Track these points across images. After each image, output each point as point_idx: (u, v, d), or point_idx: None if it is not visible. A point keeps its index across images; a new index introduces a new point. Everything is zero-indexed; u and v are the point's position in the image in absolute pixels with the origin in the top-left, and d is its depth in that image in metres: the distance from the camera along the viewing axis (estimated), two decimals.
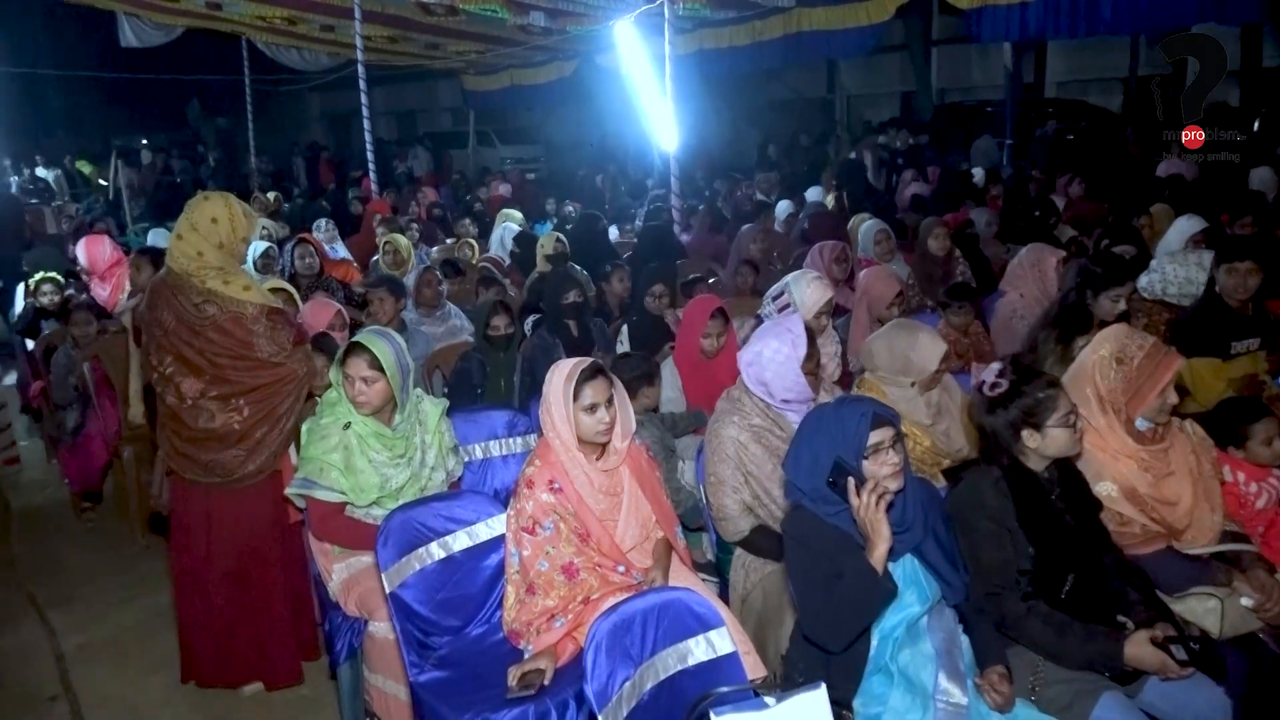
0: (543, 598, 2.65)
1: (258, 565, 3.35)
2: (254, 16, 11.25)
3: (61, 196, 13.93)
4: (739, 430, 2.94)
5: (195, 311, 3.11)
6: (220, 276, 3.12)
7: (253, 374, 3.16)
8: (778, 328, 2.99)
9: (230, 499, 3.27)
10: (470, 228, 8.41)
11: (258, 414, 3.18)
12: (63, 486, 5.36)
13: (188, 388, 3.14)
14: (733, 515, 2.92)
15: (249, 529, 3.31)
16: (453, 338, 5.00)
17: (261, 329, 3.15)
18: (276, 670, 3.43)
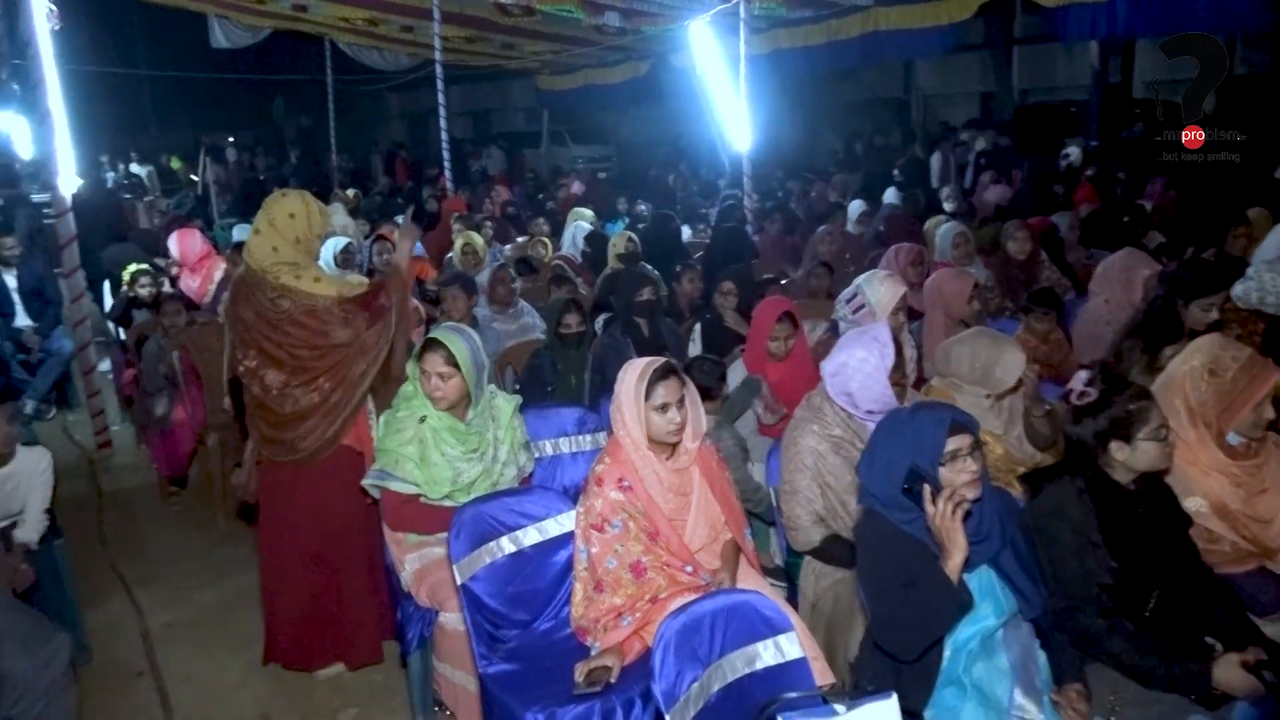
0: (610, 595, 2.67)
1: (341, 545, 3.43)
2: (337, 18, 11.54)
3: (153, 192, 14.50)
4: (818, 440, 2.90)
5: (272, 307, 3.20)
6: (293, 271, 3.20)
7: (329, 357, 3.26)
8: (864, 337, 2.94)
9: (314, 480, 3.36)
10: (543, 226, 8.49)
11: (335, 384, 3.27)
12: (151, 471, 5.57)
13: (271, 379, 3.24)
14: (804, 525, 2.89)
15: (333, 510, 3.40)
16: (524, 335, 5.06)
17: (335, 319, 3.23)
18: (358, 649, 3.52)
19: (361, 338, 3.26)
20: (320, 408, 3.27)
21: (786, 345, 3.96)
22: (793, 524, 2.92)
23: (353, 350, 3.26)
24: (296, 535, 3.42)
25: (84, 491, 5.42)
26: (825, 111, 18.67)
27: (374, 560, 3.52)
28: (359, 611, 3.49)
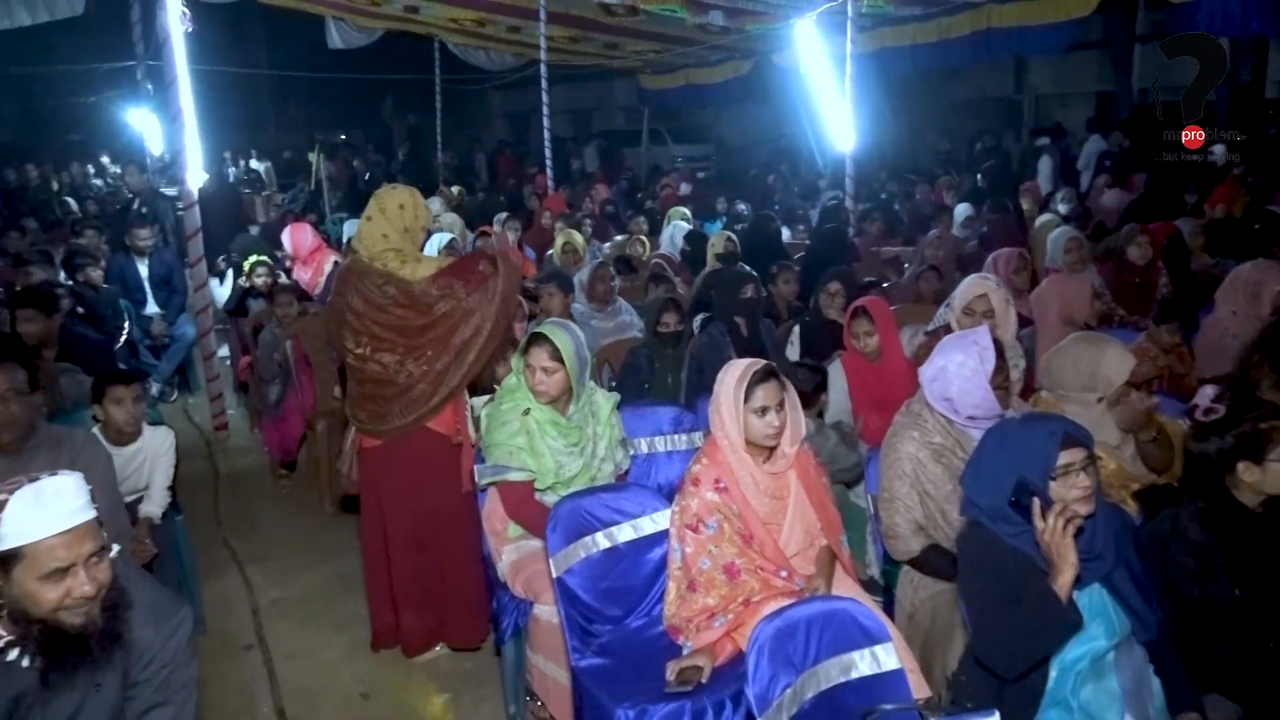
0: (703, 595, 2.67)
1: (439, 529, 3.51)
2: (447, 19, 11.83)
3: (270, 187, 15.14)
4: (918, 447, 2.83)
5: (379, 293, 3.33)
6: (398, 258, 3.34)
7: (435, 329, 3.36)
8: (963, 340, 2.86)
9: (411, 465, 3.46)
10: (642, 225, 8.53)
11: (439, 351, 3.36)
12: (263, 454, 5.82)
13: (387, 359, 3.36)
14: (904, 534, 2.83)
15: (428, 494, 3.48)
16: (622, 333, 5.10)
17: (433, 297, 3.33)
18: (459, 631, 3.61)
19: (462, 304, 3.34)
20: (428, 375, 3.37)
21: (866, 342, 3.88)
22: (891, 532, 2.87)
23: (455, 317, 3.35)
24: (396, 520, 3.52)
25: (201, 471, 5.69)
26: (930, 111, 18.20)
27: (473, 546, 3.59)
28: (460, 595, 3.57)
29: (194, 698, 2.02)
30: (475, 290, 3.35)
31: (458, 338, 3.36)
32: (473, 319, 3.35)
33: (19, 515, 1.73)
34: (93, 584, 1.79)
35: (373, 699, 3.47)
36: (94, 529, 1.81)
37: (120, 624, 1.88)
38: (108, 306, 6.27)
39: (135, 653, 1.92)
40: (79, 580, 1.77)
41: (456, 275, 3.36)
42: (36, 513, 1.74)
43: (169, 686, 1.95)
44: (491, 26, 11.99)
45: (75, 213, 11.10)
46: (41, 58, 13.66)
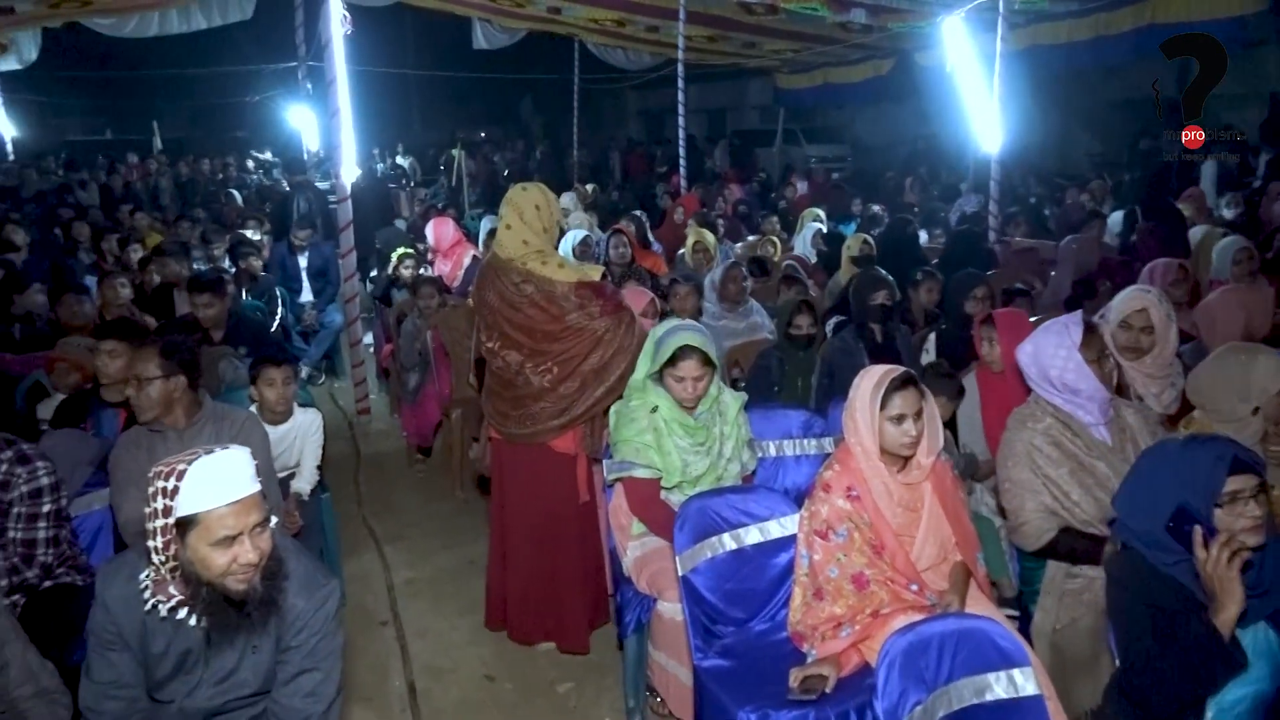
0: (830, 604, 2.62)
1: (555, 530, 3.58)
2: (588, 19, 12.03)
3: (415, 181, 15.77)
4: (1031, 433, 2.79)
5: (515, 291, 3.41)
6: (539, 258, 3.40)
7: (562, 341, 3.41)
8: (1054, 322, 2.89)
9: (532, 463, 3.54)
10: (774, 225, 8.45)
11: (564, 373, 3.42)
12: (401, 438, 6.06)
13: (511, 359, 3.45)
14: (1032, 519, 2.72)
15: (546, 494, 3.56)
16: (753, 334, 5.06)
17: (572, 303, 3.38)
18: (566, 633, 3.66)
19: (593, 324, 3.39)
20: (550, 393, 3.43)
21: (990, 352, 3.72)
22: (1018, 518, 2.76)
23: (584, 337, 3.39)
24: (516, 513, 3.63)
25: (344, 452, 5.98)
26: (1082, 112, 17.27)
27: (587, 554, 3.65)
28: (571, 597, 3.63)
29: (339, 666, 2.13)
30: (609, 315, 3.41)
31: (587, 365, 3.42)
32: (601, 348, 3.41)
33: (196, 484, 1.86)
34: (255, 552, 1.91)
35: (497, 682, 3.56)
36: (259, 501, 1.93)
37: (277, 592, 2.00)
38: (263, 293, 6.67)
39: (288, 620, 2.04)
40: (244, 548, 1.89)
41: (596, 292, 3.42)
42: (211, 483, 1.87)
43: (317, 654, 2.06)
44: (631, 26, 12.11)
45: (238, 204, 11.85)
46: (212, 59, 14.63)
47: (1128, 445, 2.76)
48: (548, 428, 3.45)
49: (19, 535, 2.89)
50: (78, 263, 7.72)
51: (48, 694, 2.18)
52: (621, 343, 3.43)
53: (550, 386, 3.42)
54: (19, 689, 2.14)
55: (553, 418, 3.44)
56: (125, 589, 2.00)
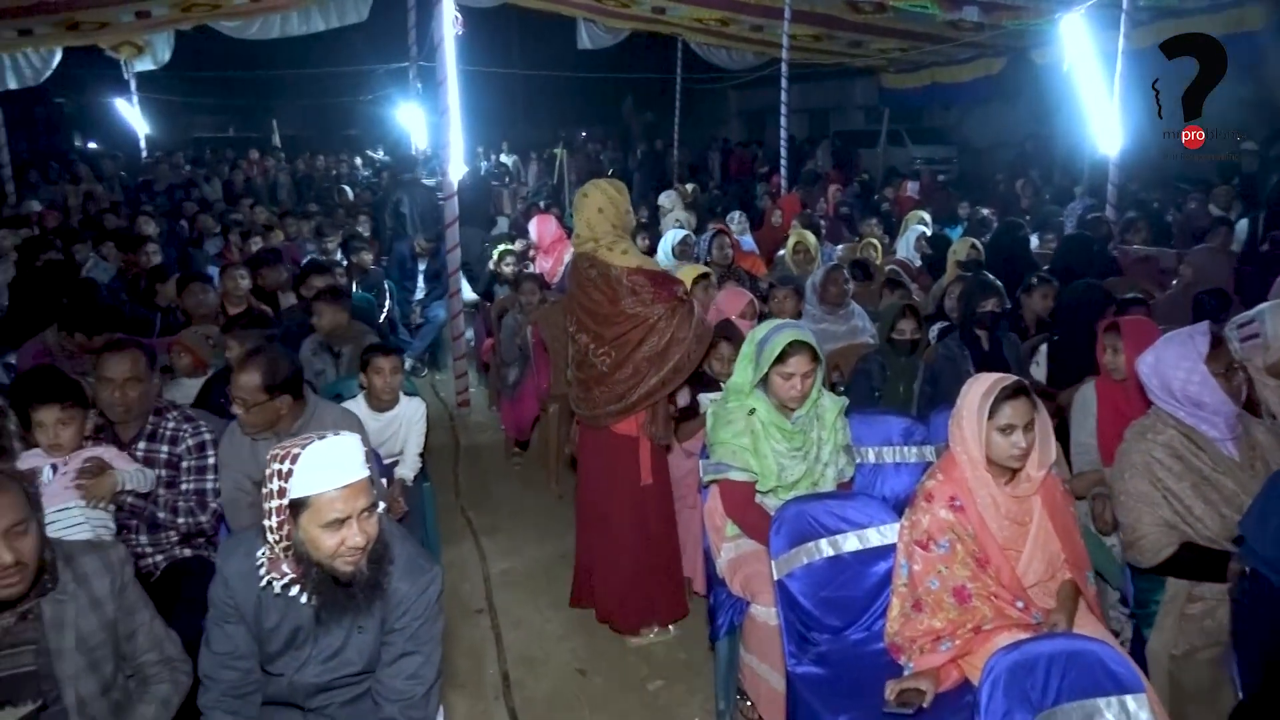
0: (929, 617, 2.56)
1: (615, 513, 3.71)
2: (692, 19, 12.02)
3: (518, 180, 16.05)
4: (1150, 445, 2.68)
5: (583, 274, 3.60)
6: (605, 245, 3.54)
7: (618, 325, 3.53)
8: (1179, 332, 2.76)
9: (601, 447, 3.70)
10: (876, 228, 8.29)
11: (620, 358, 3.53)
12: (499, 431, 6.19)
13: (582, 340, 3.62)
14: (1151, 533, 2.60)
15: (611, 476, 3.70)
16: (853, 338, 4.98)
17: (624, 287, 3.48)
18: (663, 609, 3.78)
19: (647, 310, 3.48)
20: (608, 379, 3.56)
21: (1114, 361, 3.55)
22: (1135, 533, 2.64)
23: (639, 323, 3.49)
24: (586, 490, 3.81)
25: (444, 443, 6.13)
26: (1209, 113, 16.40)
27: (657, 535, 3.74)
28: (631, 579, 3.72)
29: (440, 651, 2.18)
30: (663, 303, 3.49)
31: (640, 352, 3.50)
32: (655, 335, 3.49)
33: (308, 468, 1.94)
34: (363, 536, 1.97)
35: (588, 676, 3.60)
36: (367, 486, 2.00)
37: (382, 575, 2.06)
38: (373, 287, 6.89)
39: (393, 603, 2.10)
40: (352, 531, 1.96)
41: (650, 279, 3.51)
42: (322, 467, 1.94)
43: (419, 638, 2.12)
44: (735, 25, 12.06)
45: (350, 200, 12.28)
46: (328, 60, 15.21)
47: (1257, 463, 2.62)
48: (606, 412, 3.60)
49: (191, 486, 3.18)
50: (202, 253, 8.13)
51: (171, 661, 2.30)
52: (676, 332, 3.50)
53: (608, 371, 3.55)
54: (145, 655, 2.26)
55: (610, 403, 3.58)
56: (243, 565, 2.09)
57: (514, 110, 23.72)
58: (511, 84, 21.55)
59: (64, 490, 2.84)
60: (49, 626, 2.08)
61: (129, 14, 10.51)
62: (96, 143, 20.38)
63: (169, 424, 3.21)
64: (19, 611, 2.04)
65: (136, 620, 2.24)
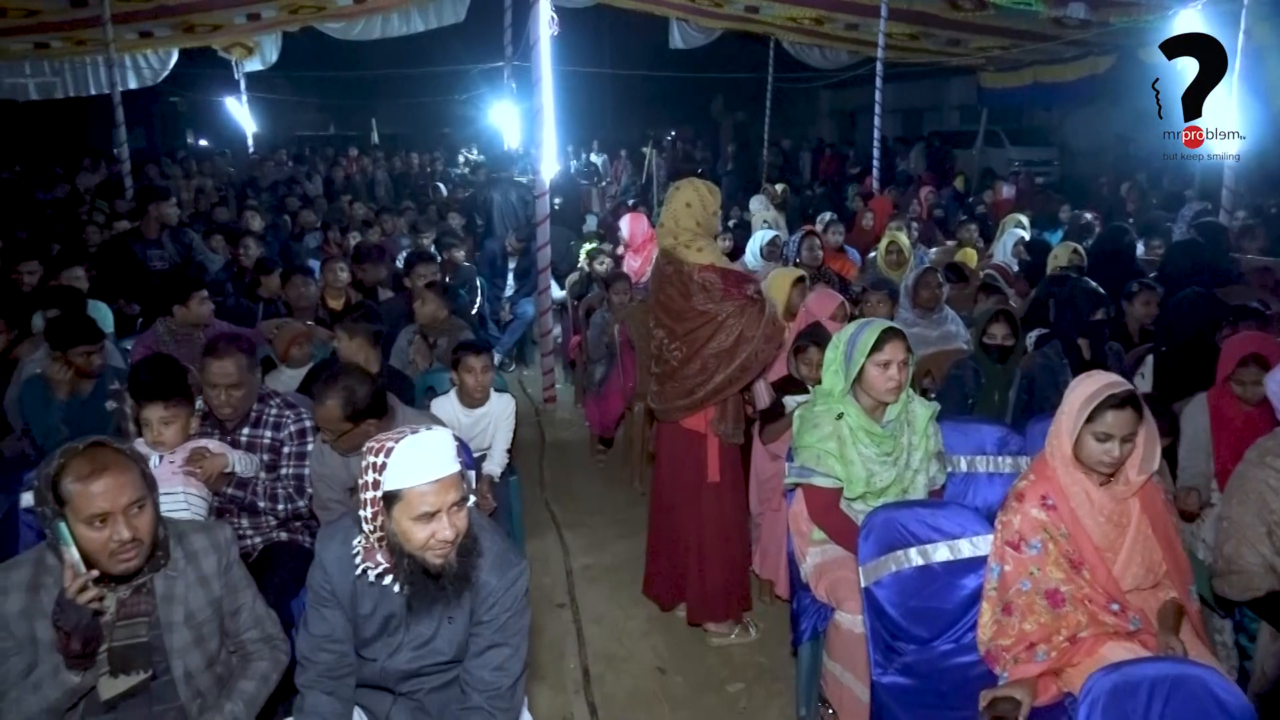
0: (1020, 620, 2.49)
1: (681, 505, 3.74)
2: (785, 18, 11.91)
3: (606, 179, 16.17)
4: (1268, 473, 2.54)
5: (661, 271, 3.65)
6: (684, 241, 3.56)
7: (688, 321, 3.54)
8: None
9: (671, 440, 3.74)
10: (972, 231, 8.07)
11: (689, 353, 3.55)
12: (584, 428, 6.25)
13: (659, 335, 3.66)
14: (1246, 568, 2.47)
15: (679, 469, 3.72)
16: (946, 343, 4.85)
17: (695, 284, 3.49)
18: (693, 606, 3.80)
19: (717, 308, 3.48)
20: (678, 373, 3.58)
21: (1252, 391, 3.38)
22: (1230, 565, 2.52)
23: (708, 319, 3.50)
24: (658, 481, 3.85)
25: (530, 438, 6.21)
26: None
27: (724, 531, 3.73)
28: (697, 571, 3.74)
29: (526, 644, 2.22)
30: (733, 301, 3.48)
31: (709, 349, 3.51)
32: (724, 333, 3.49)
33: (401, 462, 1.98)
34: (452, 529, 2.01)
35: (668, 675, 3.61)
36: (458, 481, 2.03)
37: (471, 568, 2.10)
38: (465, 282, 7.03)
39: (481, 595, 2.14)
40: (442, 525, 2.00)
41: (721, 276, 3.51)
42: (415, 461, 1.98)
43: (506, 630, 2.15)
44: (829, 24, 11.91)
45: (444, 198, 12.56)
46: (425, 60, 15.59)
47: None
48: (675, 406, 3.63)
49: (290, 471, 3.30)
50: (303, 247, 8.42)
51: (271, 639, 2.40)
52: (745, 330, 3.49)
53: (679, 366, 3.57)
54: (247, 632, 2.36)
55: (679, 397, 3.61)
56: (340, 552, 2.16)
57: (603, 109, 23.90)
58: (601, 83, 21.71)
59: (170, 476, 2.97)
60: (161, 601, 2.19)
61: (241, 16, 10.99)
62: (207, 140, 21.31)
63: (271, 410, 3.34)
64: (134, 585, 2.15)
65: (240, 598, 2.34)
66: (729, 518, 3.75)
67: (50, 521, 2.03)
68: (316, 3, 10.78)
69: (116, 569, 2.06)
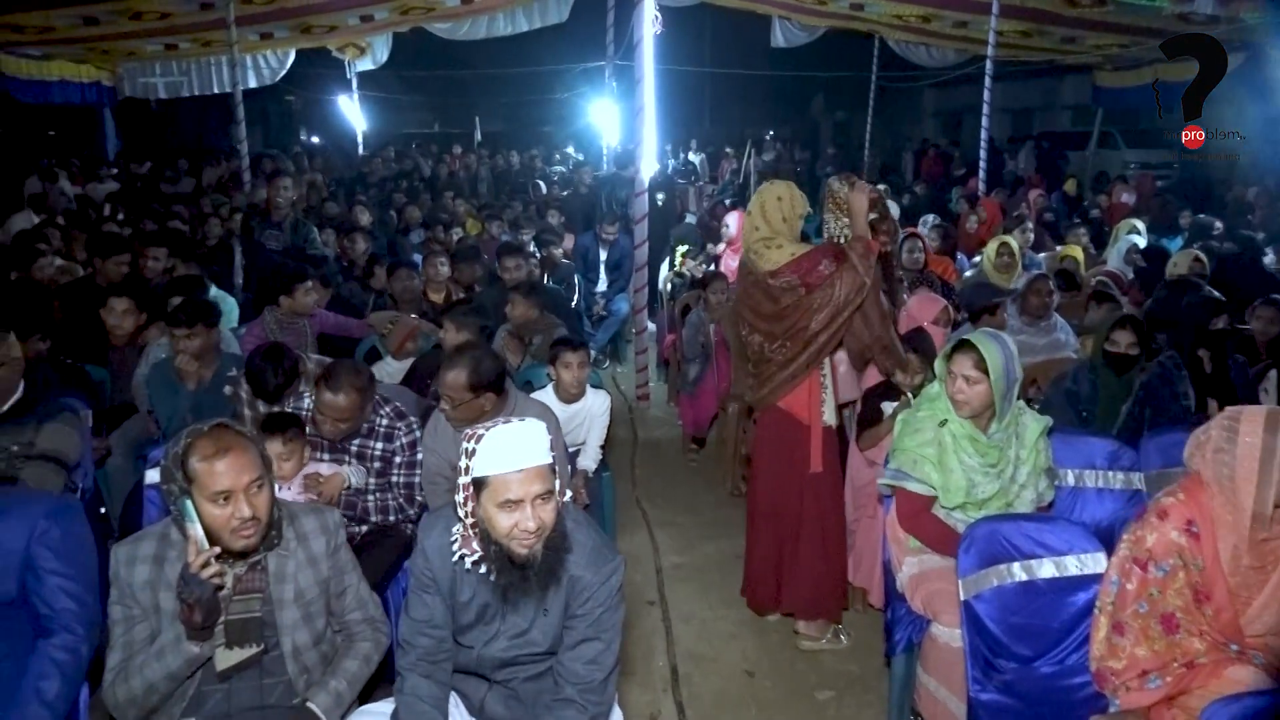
0: (1132, 644, 2.38)
1: (784, 499, 3.70)
2: (891, 15, 11.68)
3: (704, 178, 16.15)
4: None
5: (746, 279, 3.65)
6: (765, 244, 3.54)
7: (786, 320, 3.53)
8: None
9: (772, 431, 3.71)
10: (1083, 236, 7.77)
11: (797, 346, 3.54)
12: (676, 427, 6.25)
13: (756, 341, 3.64)
14: None
15: (782, 460, 3.69)
16: (1055, 352, 4.68)
17: (777, 287, 3.48)
18: (797, 604, 3.76)
19: (804, 300, 3.47)
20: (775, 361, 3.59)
21: None
22: None
23: (802, 309, 3.49)
24: (757, 479, 3.81)
25: (623, 435, 6.24)
26: None
27: (824, 527, 3.69)
28: (806, 571, 3.69)
29: (619, 639, 2.23)
30: (817, 288, 3.45)
31: (808, 332, 3.51)
32: (821, 314, 3.47)
33: (489, 449, 2.01)
34: (535, 521, 2.01)
35: (756, 679, 3.58)
36: (544, 473, 2.03)
37: (557, 563, 2.12)
38: (563, 279, 7.12)
39: (576, 589, 2.16)
40: (525, 515, 2.01)
41: (796, 271, 3.47)
42: (502, 449, 2.00)
43: (600, 624, 2.17)
44: (937, 21, 11.62)
45: (544, 195, 12.75)
46: (527, 59, 15.86)
47: None
48: (778, 380, 3.60)
49: (401, 480, 3.38)
50: (408, 242, 8.67)
51: (374, 621, 2.48)
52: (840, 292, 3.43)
53: (785, 358, 3.56)
54: (352, 613, 2.44)
55: (780, 368, 3.59)
56: (440, 539, 2.21)
57: (700, 108, 23.88)
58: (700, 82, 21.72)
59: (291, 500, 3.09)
60: (273, 578, 2.29)
61: (355, 17, 11.37)
62: (319, 137, 22.13)
63: (382, 421, 3.37)
64: (250, 562, 2.26)
65: (346, 581, 2.43)
66: (828, 512, 3.71)
67: (176, 498, 2.14)
68: (426, 4, 11.07)
69: (237, 545, 2.16)
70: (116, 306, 4.53)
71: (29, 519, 2.36)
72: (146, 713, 2.19)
